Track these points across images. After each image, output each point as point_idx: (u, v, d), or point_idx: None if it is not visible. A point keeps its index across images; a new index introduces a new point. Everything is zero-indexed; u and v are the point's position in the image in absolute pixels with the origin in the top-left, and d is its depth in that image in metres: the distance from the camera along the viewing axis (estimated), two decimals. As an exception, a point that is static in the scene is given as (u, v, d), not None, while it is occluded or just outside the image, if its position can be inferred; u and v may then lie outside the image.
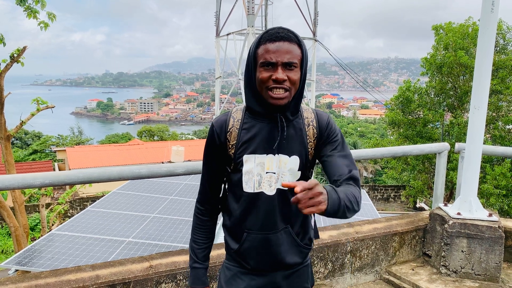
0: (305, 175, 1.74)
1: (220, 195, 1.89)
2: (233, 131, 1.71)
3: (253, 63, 1.62)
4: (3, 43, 7.21)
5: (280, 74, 1.54)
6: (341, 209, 1.42)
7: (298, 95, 1.66)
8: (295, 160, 1.69)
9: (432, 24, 17.77)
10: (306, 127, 1.72)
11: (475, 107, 3.16)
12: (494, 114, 16.05)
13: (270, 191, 1.69)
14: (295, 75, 1.57)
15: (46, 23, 7.26)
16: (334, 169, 1.67)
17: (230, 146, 1.72)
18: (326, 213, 1.36)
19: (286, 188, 1.61)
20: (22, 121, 8.72)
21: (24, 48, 8.12)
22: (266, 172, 1.68)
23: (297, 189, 1.26)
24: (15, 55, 8.00)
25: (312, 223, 1.89)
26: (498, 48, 16.27)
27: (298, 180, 1.70)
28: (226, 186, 1.83)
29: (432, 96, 17.42)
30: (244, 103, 1.79)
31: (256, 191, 1.70)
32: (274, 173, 1.68)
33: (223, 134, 1.72)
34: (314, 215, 1.81)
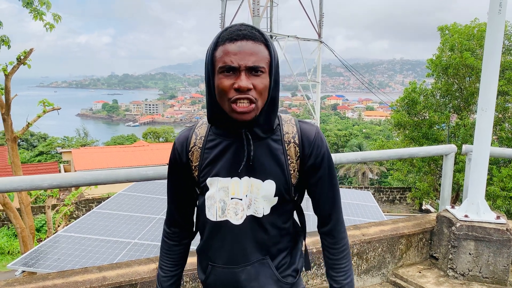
0: (285, 201, 1.45)
1: (193, 216, 1.64)
2: (195, 151, 1.46)
3: (211, 68, 1.33)
4: (8, 45, 7.27)
5: (244, 81, 1.25)
6: None
7: (269, 107, 1.37)
8: (269, 185, 1.41)
9: (435, 26, 17.78)
10: (286, 144, 1.43)
11: (482, 108, 3.15)
12: (500, 115, 15.99)
13: (237, 219, 1.42)
14: (262, 82, 1.29)
15: (52, 24, 7.31)
16: (318, 205, 1.51)
17: (193, 167, 1.48)
18: None
19: (260, 215, 1.42)
20: (29, 123, 8.78)
21: (31, 50, 8.18)
22: (231, 198, 1.42)
23: None
24: (22, 57, 8.06)
25: (303, 250, 1.63)
26: (504, 49, 16.21)
27: (275, 206, 1.43)
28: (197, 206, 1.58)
29: (438, 97, 17.38)
30: None
31: (219, 219, 1.43)
32: (241, 199, 1.42)
33: (184, 153, 1.49)
34: (304, 240, 1.62)
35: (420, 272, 3.40)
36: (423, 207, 24.26)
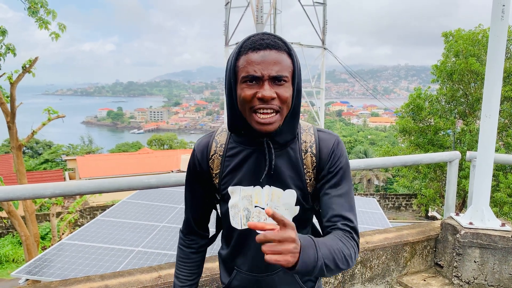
0: (305, 209, 1.46)
1: (208, 223, 1.65)
2: (216, 159, 1.46)
3: (233, 78, 1.32)
4: (14, 53, 7.33)
5: (267, 91, 1.24)
6: (316, 271, 1.12)
7: (292, 116, 1.35)
8: (290, 194, 1.41)
9: (439, 31, 17.74)
10: (303, 153, 1.42)
11: (486, 115, 3.13)
12: (506, 121, 15.91)
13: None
14: (286, 91, 1.27)
15: (57, 34, 7.38)
16: (326, 210, 1.40)
17: (214, 175, 1.48)
18: (294, 270, 1.07)
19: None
20: (33, 131, 8.83)
21: (36, 58, 8.25)
22: (255, 206, 1.42)
23: (266, 227, 1.04)
24: (27, 66, 8.13)
25: None
26: (508, 55, 16.16)
27: (297, 215, 1.44)
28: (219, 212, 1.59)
29: (443, 103, 17.33)
30: None
31: (243, 227, 1.45)
32: (263, 208, 1.42)
33: (204, 161, 1.48)
34: None
35: (424, 280, 3.37)
36: (429, 214, 24.12)
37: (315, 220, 1.60)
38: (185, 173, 2.79)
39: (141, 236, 6.61)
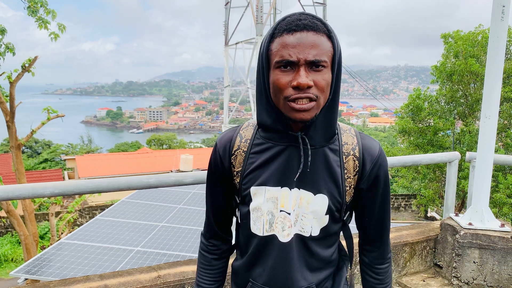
0: (334, 220, 1.30)
1: (231, 226, 1.50)
2: (239, 155, 1.31)
3: (265, 63, 1.19)
4: (13, 53, 7.33)
5: (303, 77, 1.10)
6: None
7: (330, 107, 1.21)
8: (321, 200, 1.25)
9: (439, 32, 17.74)
10: (344, 156, 1.27)
11: (485, 116, 3.13)
12: (506, 122, 15.90)
13: (283, 236, 1.27)
14: (323, 78, 1.14)
15: (56, 34, 7.39)
16: (363, 228, 1.43)
17: (235, 173, 1.33)
18: None
19: (307, 234, 1.28)
20: (33, 130, 8.83)
21: (35, 58, 8.25)
22: (280, 211, 1.27)
23: None
24: (26, 65, 8.12)
25: (347, 277, 1.48)
26: (508, 56, 16.17)
27: (325, 227, 1.29)
28: (238, 217, 1.43)
29: (443, 104, 17.31)
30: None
31: (265, 234, 1.29)
32: (289, 213, 1.26)
33: (226, 157, 1.33)
34: (350, 267, 1.49)
35: (424, 281, 3.37)
36: (429, 214, 24.10)
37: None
38: (184, 173, 2.80)
39: (140, 236, 6.61)
